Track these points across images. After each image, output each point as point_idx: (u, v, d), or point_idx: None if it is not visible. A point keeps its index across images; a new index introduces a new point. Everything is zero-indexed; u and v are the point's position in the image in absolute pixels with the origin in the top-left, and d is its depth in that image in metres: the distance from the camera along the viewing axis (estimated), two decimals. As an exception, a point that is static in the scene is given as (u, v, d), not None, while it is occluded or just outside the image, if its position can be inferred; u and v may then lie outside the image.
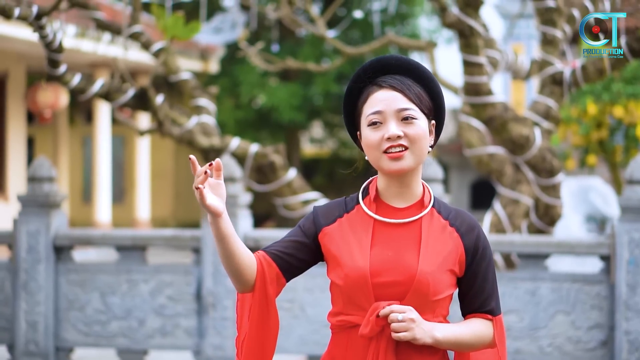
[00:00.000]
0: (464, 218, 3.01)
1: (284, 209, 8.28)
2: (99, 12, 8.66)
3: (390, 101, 2.94)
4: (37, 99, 15.95)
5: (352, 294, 2.96)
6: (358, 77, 3.02)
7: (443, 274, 2.93)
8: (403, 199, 3.00)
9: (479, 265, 3.00)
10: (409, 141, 2.92)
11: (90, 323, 7.64)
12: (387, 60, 3.02)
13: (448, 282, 2.95)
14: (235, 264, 2.94)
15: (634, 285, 6.79)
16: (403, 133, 2.91)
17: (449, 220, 3.00)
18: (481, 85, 7.93)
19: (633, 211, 6.84)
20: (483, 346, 3.02)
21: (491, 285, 3.02)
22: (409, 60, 3.04)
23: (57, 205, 7.71)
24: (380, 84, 2.97)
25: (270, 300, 3.01)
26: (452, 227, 2.99)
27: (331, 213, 3.06)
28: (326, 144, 25.26)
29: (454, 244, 2.96)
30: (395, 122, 2.92)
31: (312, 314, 7.33)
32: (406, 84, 2.96)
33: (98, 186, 18.26)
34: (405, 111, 2.93)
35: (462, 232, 2.98)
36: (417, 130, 2.93)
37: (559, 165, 8.10)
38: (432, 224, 2.97)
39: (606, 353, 6.98)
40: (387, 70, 3.00)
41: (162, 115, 8.01)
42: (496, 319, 3.03)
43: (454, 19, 7.73)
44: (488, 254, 3.02)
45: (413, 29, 23.08)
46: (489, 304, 3.02)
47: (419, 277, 2.90)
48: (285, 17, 10.08)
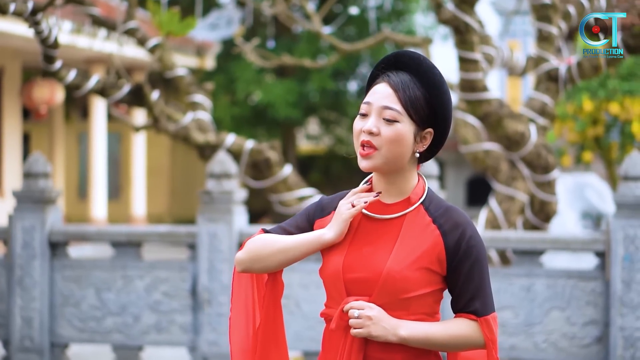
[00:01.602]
0: (450, 216, 2.95)
1: (280, 205, 8.28)
2: (94, 8, 8.65)
3: (380, 96, 2.92)
4: (32, 95, 15.93)
5: (330, 289, 3.01)
6: (376, 67, 3.01)
7: (415, 272, 2.89)
8: (391, 195, 2.99)
9: (462, 265, 2.93)
10: (381, 142, 2.89)
11: (86, 319, 7.65)
12: (400, 55, 2.99)
13: (422, 280, 2.90)
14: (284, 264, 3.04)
15: (629, 281, 6.81)
16: (378, 131, 2.89)
17: (434, 217, 2.95)
18: (477, 81, 7.93)
19: (628, 208, 6.85)
20: (470, 346, 2.97)
21: (477, 285, 2.94)
22: (420, 60, 2.97)
23: (53, 201, 7.71)
24: (384, 77, 2.96)
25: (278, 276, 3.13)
26: (435, 225, 2.94)
27: (330, 205, 3.08)
28: (322, 140, 25.27)
29: (433, 242, 2.92)
30: (376, 118, 2.91)
31: (307, 310, 7.34)
32: (406, 85, 2.91)
33: (94, 182, 18.27)
34: (388, 111, 2.90)
35: (444, 230, 2.93)
36: (392, 134, 2.89)
37: (554, 161, 8.11)
38: (415, 222, 2.94)
39: (601, 349, 7.00)
40: (398, 65, 2.97)
41: (158, 111, 8.01)
42: (482, 319, 2.94)
43: (450, 16, 7.73)
44: (474, 253, 2.93)
45: (409, 25, 23.08)
46: (472, 304, 2.94)
47: (385, 275, 2.88)
48: (281, 13, 10.07)
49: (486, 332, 2.95)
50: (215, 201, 7.39)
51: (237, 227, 7.39)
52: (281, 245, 3.01)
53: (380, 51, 20.84)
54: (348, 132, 24.59)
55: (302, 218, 3.11)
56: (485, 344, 2.95)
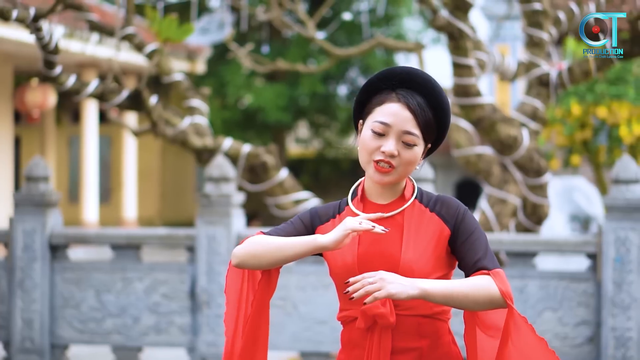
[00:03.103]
0: (444, 202, 3.15)
1: (276, 208, 8.39)
2: (92, 14, 8.75)
3: (400, 120, 3.05)
4: (25, 99, 16.00)
5: (345, 288, 3.09)
6: (384, 77, 3.12)
7: (428, 259, 3.08)
8: (386, 196, 3.17)
9: (465, 236, 3.10)
10: (400, 162, 3.07)
11: (86, 320, 7.74)
12: (415, 75, 3.11)
13: (435, 265, 3.09)
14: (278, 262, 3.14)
15: (620, 282, 6.94)
16: (398, 153, 3.06)
17: (429, 207, 3.15)
18: (470, 86, 8.04)
19: (619, 210, 6.98)
20: (488, 300, 3.03)
21: (481, 248, 3.09)
22: (433, 83, 3.12)
23: (53, 204, 7.81)
24: (400, 96, 3.08)
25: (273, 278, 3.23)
26: (433, 212, 3.14)
27: (326, 214, 3.25)
28: (311, 144, 25.38)
29: (436, 227, 3.11)
30: (396, 141, 3.06)
31: (304, 312, 7.45)
32: (422, 108, 3.07)
33: (85, 186, 18.29)
34: (409, 136, 3.06)
35: (442, 215, 3.13)
36: (411, 157, 3.07)
37: (546, 165, 8.22)
38: (414, 214, 3.13)
39: (593, 349, 7.12)
40: (411, 85, 3.10)
41: (156, 115, 8.11)
42: (493, 272, 3.06)
43: (444, 22, 7.84)
44: (472, 223, 3.12)
45: (398, 29, 23.22)
46: (481, 263, 3.08)
47: (402, 266, 3.05)
48: (275, 19, 10.18)
49: (499, 284, 3.04)
50: (214, 204, 7.50)
51: (235, 230, 7.50)
52: (277, 243, 3.12)
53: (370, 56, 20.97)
54: (337, 135, 24.70)
55: (298, 222, 3.25)
56: (501, 293, 3.02)
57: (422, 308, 3.09)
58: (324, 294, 7.40)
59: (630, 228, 6.94)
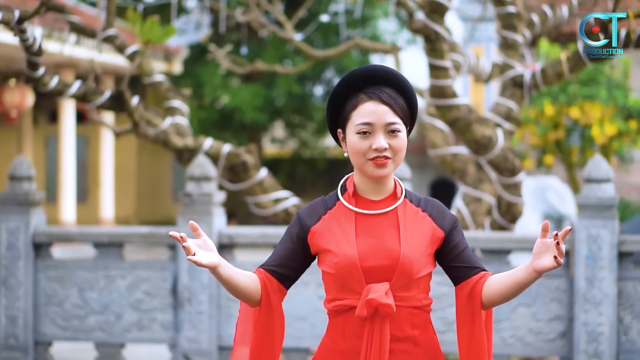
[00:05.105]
0: (433, 204, 3.41)
1: (255, 207, 8.50)
2: (74, 16, 8.85)
3: (380, 115, 3.27)
4: (3, 100, 16.05)
5: (345, 280, 3.30)
6: (347, 83, 3.33)
7: (422, 255, 3.30)
8: (378, 192, 3.37)
9: (455, 238, 3.37)
10: (393, 152, 3.28)
11: (69, 318, 7.85)
12: (376, 71, 3.33)
13: (427, 261, 3.32)
14: (243, 292, 3.33)
15: (592, 279, 7.11)
16: (388, 145, 3.27)
17: (421, 207, 3.39)
18: (446, 88, 8.16)
19: (591, 209, 7.15)
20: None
21: (469, 252, 3.39)
22: (394, 72, 3.35)
23: (37, 203, 7.92)
24: (369, 95, 3.29)
25: (275, 307, 3.40)
26: (425, 213, 3.38)
27: (315, 213, 3.41)
28: (287, 144, 25.46)
29: (429, 227, 3.35)
30: (383, 135, 3.27)
31: (285, 309, 7.55)
32: (393, 98, 3.29)
33: (62, 186, 18.31)
34: (393, 125, 3.28)
35: (434, 216, 3.38)
36: (400, 143, 3.29)
37: (520, 165, 8.34)
38: (407, 212, 3.36)
39: (565, 344, 7.29)
40: (376, 80, 3.31)
41: (138, 116, 8.22)
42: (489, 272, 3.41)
43: (421, 25, 7.96)
44: (459, 227, 3.41)
45: (373, 30, 23.36)
46: (479, 266, 3.37)
47: (402, 260, 3.26)
48: (254, 20, 10.30)
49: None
50: (196, 203, 7.63)
51: (217, 228, 7.64)
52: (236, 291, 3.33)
53: (346, 57, 21.08)
54: (313, 135, 24.80)
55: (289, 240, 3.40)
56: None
57: (414, 300, 3.31)
58: (302, 291, 7.53)
59: (602, 226, 7.11)
